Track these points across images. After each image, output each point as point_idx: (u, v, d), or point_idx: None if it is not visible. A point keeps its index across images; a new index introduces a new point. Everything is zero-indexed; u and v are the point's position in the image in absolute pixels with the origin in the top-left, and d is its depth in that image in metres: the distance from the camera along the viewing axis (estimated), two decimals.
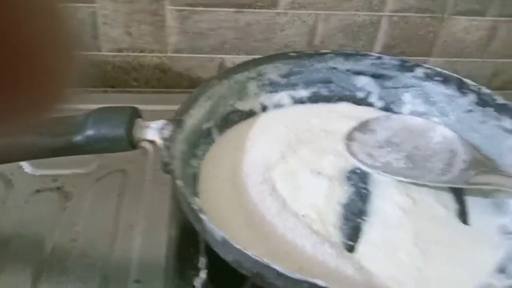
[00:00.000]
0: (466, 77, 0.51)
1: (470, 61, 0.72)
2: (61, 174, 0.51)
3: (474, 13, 0.67)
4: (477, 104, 0.50)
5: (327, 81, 0.56)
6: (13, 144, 0.38)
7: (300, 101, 0.55)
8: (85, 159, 0.48)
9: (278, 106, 0.55)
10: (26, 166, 0.51)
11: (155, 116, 0.43)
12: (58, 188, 0.50)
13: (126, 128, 0.39)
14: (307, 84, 0.55)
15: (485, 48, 0.71)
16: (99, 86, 0.68)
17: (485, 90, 0.50)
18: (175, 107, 0.44)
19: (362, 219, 0.42)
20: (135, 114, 0.41)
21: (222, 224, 0.37)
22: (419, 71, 0.53)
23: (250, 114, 0.53)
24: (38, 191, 0.49)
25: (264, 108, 0.54)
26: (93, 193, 0.49)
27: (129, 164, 0.52)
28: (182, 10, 0.63)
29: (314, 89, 0.56)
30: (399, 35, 0.68)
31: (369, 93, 0.56)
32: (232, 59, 0.67)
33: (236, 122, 0.52)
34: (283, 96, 0.55)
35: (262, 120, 0.53)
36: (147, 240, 0.44)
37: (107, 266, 0.42)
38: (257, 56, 0.56)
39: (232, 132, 0.51)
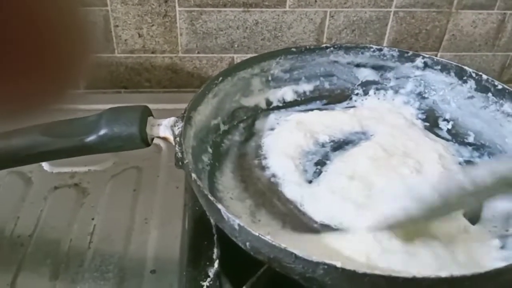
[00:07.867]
0: (476, 70, 0.52)
1: (479, 55, 0.72)
2: (78, 171, 0.53)
3: (480, 6, 0.67)
4: (477, 90, 0.51)
5: (329, 75, 0.57)
6: (28, 146, 0.39)
7: (303, 95, 0.57)
8: (100, 157, 0.50)
9: (282, 101, 0.56)
10: (44, 164, 0.54)
11: (167, 114, 0.44)
12: (76, 185, 0.52)
13: (139, 126, 0.40)
14: (310, 78, 0.57)
15: (494, 42, 0.71)
16: (112, 87, 0.70)
17: (484, 76, 0.50)
18: (186, 105, 0.46)
19: None
20: (147, 112, 0.42)
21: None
22: (418, 61, 0.54)
23: (256, 109, 0.54)
24: (56, 188, 0.51)
25: (269, 104, 0.55)
26: (109, 189, 0.51)
27: (144, 161, 0.54)
28: (191, 11, 0.64)
29: (316, 83, 0.57)
30: (406, 31, 0.69)
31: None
32: (242, 58, 0.69)
33: (242, 118, 0.53)
34: (287, 91, 0.56)
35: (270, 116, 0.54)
36: (162, 233, 0.46)
37: (124, 257, 0.44)
38: None
39: (241, 128, 0.52)
